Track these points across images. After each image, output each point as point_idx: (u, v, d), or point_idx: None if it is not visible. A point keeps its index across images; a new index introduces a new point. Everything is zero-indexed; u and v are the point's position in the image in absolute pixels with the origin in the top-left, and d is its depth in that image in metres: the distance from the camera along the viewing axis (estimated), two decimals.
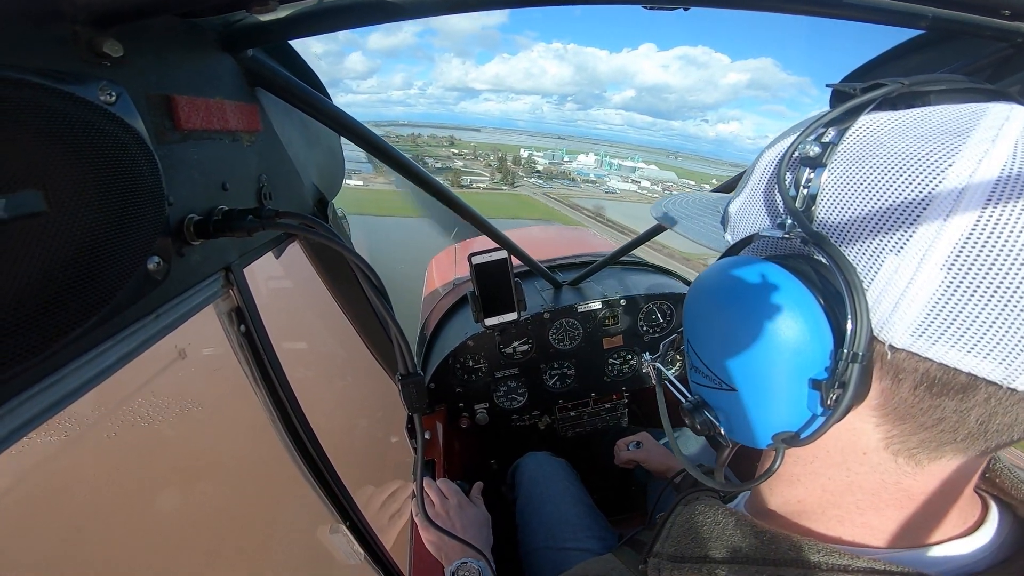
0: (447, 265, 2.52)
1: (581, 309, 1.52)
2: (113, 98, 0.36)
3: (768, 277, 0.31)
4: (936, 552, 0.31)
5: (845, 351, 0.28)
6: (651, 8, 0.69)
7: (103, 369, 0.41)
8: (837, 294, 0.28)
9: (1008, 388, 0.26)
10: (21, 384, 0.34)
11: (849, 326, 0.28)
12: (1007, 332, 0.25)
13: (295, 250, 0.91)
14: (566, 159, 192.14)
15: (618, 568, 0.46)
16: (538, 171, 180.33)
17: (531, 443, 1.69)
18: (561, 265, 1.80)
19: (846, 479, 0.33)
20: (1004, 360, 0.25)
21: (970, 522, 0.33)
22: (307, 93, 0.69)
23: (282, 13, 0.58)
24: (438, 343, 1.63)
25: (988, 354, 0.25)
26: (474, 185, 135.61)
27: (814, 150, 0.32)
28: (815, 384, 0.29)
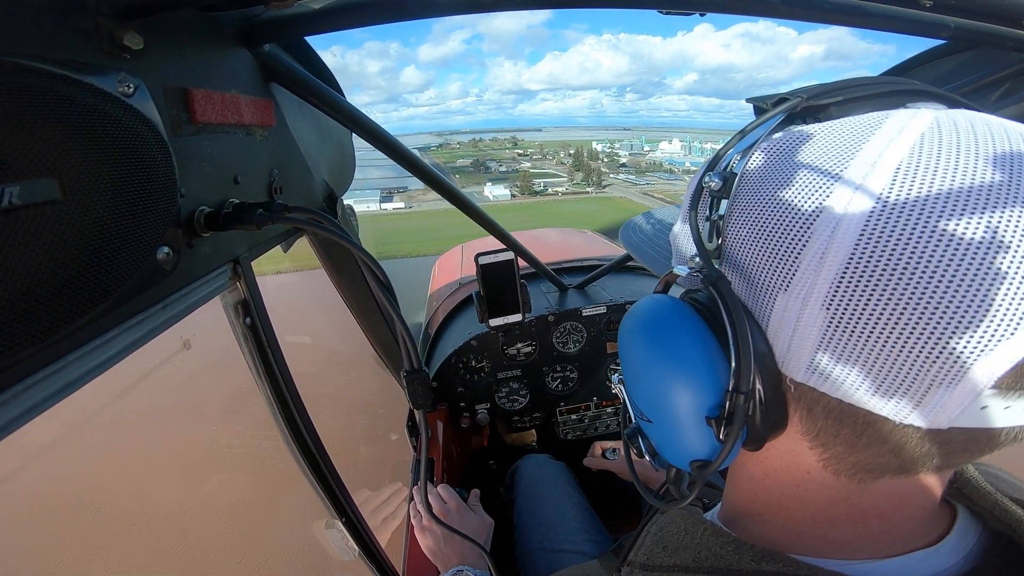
0: (453, 264, 2.52)
1: (586, 313, 1.51)
2: (131, 90, 0.37)
3: (671, 316, 0.32)
4: (898, 564, 0.31)
5: (729, 390, 0.28)
6: (666, 13, 0.69)
7: (109, 357, 0.41)
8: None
9: (903, 424, 0.25)
10: (27, 369, 0.34)
11: (733, 366, 0.28)
12: (888, 372, 0.24)
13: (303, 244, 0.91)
14: (646, 148, 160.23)
15: (596, 573, 0.46)
16: (624, 165, 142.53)
17: (530, 445, 1.68)
18: (567, 268, 1.80)
19: (797, 496, 0.33)
20: (892, 398, 0.25)
21: (935, 533, 0.32)
22: (321, 89, 0.70)
23: (299, 9, 0.58)
24: (442, 342, 1.63)
25: (875, 392, 0.25)
26: (550, 190, 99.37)
27: (715, 183, 0.32)
28: (707, 420, 0.30)
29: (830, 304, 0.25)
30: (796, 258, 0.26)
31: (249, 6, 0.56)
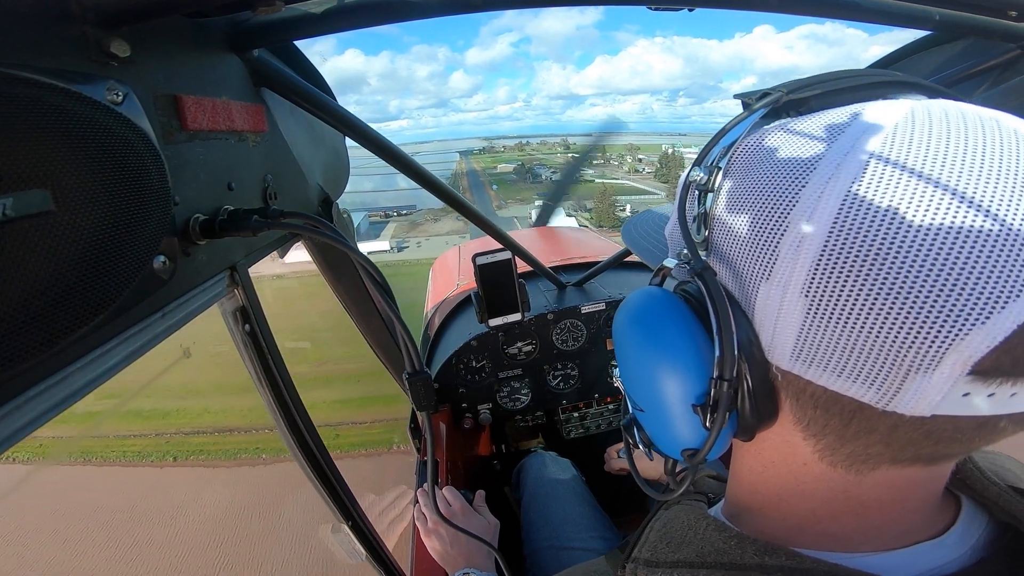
0: (451, 266, 2.51)
1: (585, 310, 1.52)
2: (120, 98, 0.37)
3: (660, 307, 0.33)
4: (903, 556, 0.31)
5: (713, 377, 0.29)
6: (656, 9, 0.69)
7: (109, 367, 0.41)
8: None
9: (884, 411, 0.25)
10: (27, 382, 0.34)
11: (717, 354, 0.29)
12: (867, 358, 0.25)
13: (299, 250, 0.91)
14: None
15: (601, 571, 0.46)
16: None
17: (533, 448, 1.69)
18: (565, 266, 1.80)
19: (797, 488, 0.33)
20: (872, 384, 0.25)
21: (940, 524, 0.32)
22: (312, 93, 0.70)
23: (287, 14, 0.58)
24: (442, 343, 1.63)
25: (856, 378, 0.25)
26: None
27: (702, 177, 0.32)
28: (694, 408, 0.31)
29: (808, 291, 0.26)
30: (776, 247, 0.27)
31: (236, 11, 0.56)
